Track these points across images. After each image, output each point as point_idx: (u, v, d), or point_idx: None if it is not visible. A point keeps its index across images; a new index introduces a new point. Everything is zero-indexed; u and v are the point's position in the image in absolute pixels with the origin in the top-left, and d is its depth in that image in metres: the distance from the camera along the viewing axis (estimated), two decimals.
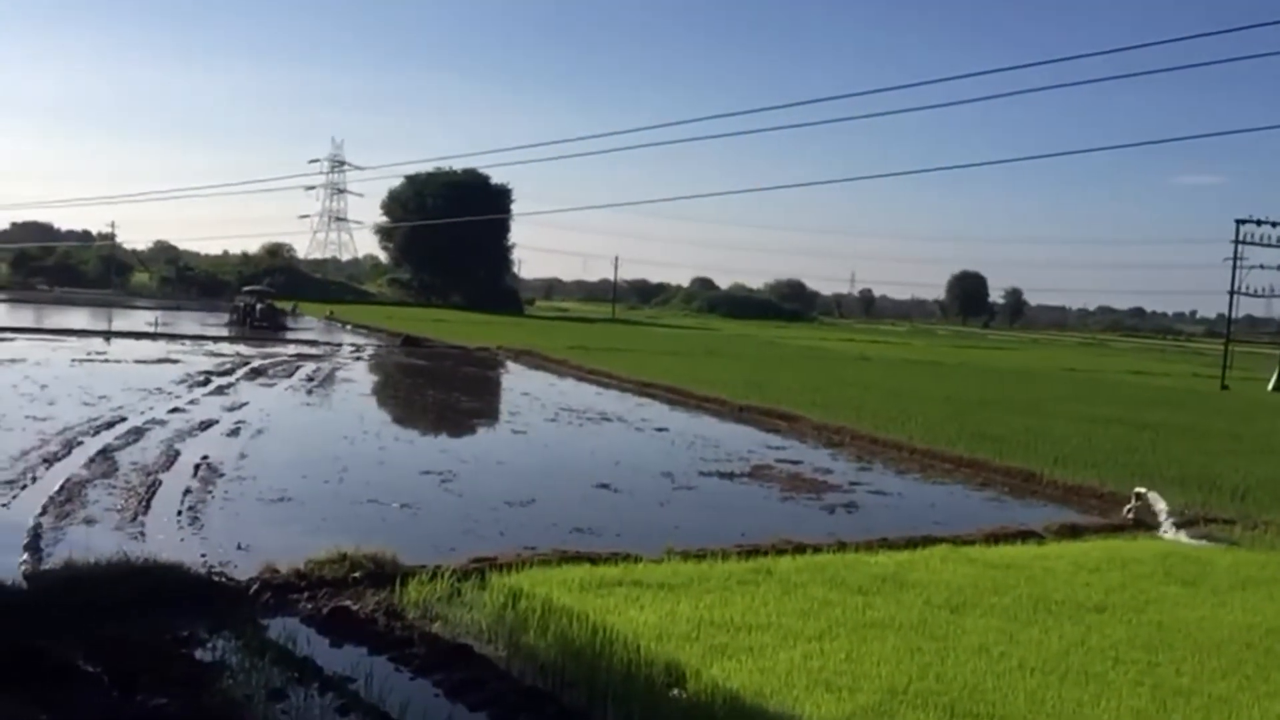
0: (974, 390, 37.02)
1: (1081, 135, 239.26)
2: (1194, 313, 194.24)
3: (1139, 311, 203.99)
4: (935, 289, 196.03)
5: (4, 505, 12.80)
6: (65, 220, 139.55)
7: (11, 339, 39.63)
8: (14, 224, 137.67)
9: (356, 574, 10.13)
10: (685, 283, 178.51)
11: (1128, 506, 15.53)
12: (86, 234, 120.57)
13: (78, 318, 57.45)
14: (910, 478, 19.29)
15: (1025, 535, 13.75)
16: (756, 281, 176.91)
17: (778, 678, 7.48)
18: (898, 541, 12.75)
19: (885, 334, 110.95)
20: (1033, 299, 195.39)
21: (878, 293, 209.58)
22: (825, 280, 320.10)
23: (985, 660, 8.15)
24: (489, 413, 28.17)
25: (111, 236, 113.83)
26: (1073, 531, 14.35)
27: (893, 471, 19.80)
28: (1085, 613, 9.77)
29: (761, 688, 7.26)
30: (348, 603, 9.47)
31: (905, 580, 10.54)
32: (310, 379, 31.27)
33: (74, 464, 15.42)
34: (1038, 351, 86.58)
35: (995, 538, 13.35)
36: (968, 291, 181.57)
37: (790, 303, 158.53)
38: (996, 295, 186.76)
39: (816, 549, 11.97)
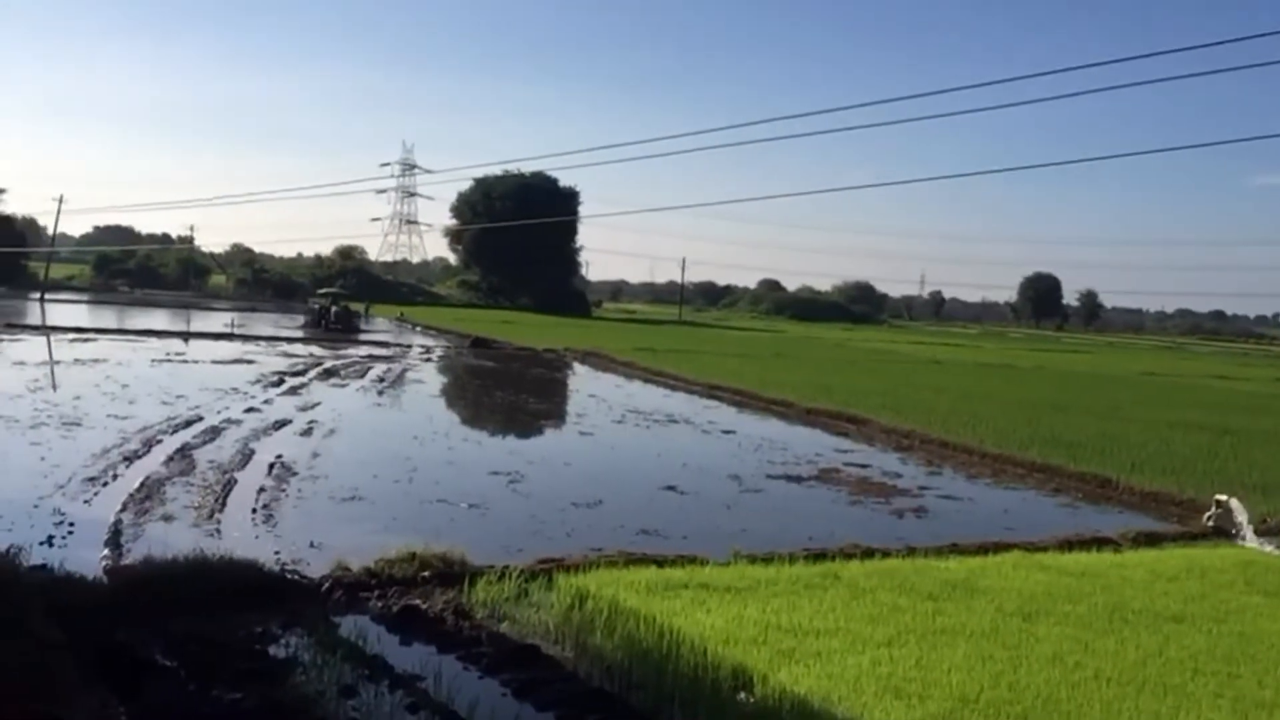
0: (1047, 394, 36.39)
1: (1157, 135, 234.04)
2: (1278, 315, 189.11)
3: (1219, 314, 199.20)
4: (1007, 291, 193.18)
5: (86, 502, 13.14)
6: (146, 224, 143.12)
7: (94, 339, 40.69)
8: (96, 228, 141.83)
9: (426, 573, 10.25)
10: (753, 285, 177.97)
11: (1208, 514, 15.16)
12: (166, 237, 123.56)
13: (157, 319, 58.81)
14: (981, 482, 19.01)
15: (1100, 542, 13.50)
16: (824, 284, 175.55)
17: (846, 684, 7.41)
18: (968, 547, 12.59)
19: (956, 336, 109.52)
20: (1108, 301, 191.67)
21: (948, 295, 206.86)
22: (894, 282, 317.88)
23: (1059, 670, 8.00)
24: (556, 414, 28.29)
25: (190, 239, 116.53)
26: (1150, 539, 14.05)
27: (963, 476, 19.52)
28: (1163, 622, 9.55)
29: (829, 693, 7.19)
30: (417, 601, 9.57)
31: (976, 587, 10.39)
32: (381, 380, 31.69)
33: (153, 462, 15.79)
34: (1113, 355, 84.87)
35: (1069, 544, 13.13)
36: (1041, 293, 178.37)
37: (859, 305, 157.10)
38: (1070, 297, 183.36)
39: (885, 554, 11.86)
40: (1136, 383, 47.73)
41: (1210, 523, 14.94)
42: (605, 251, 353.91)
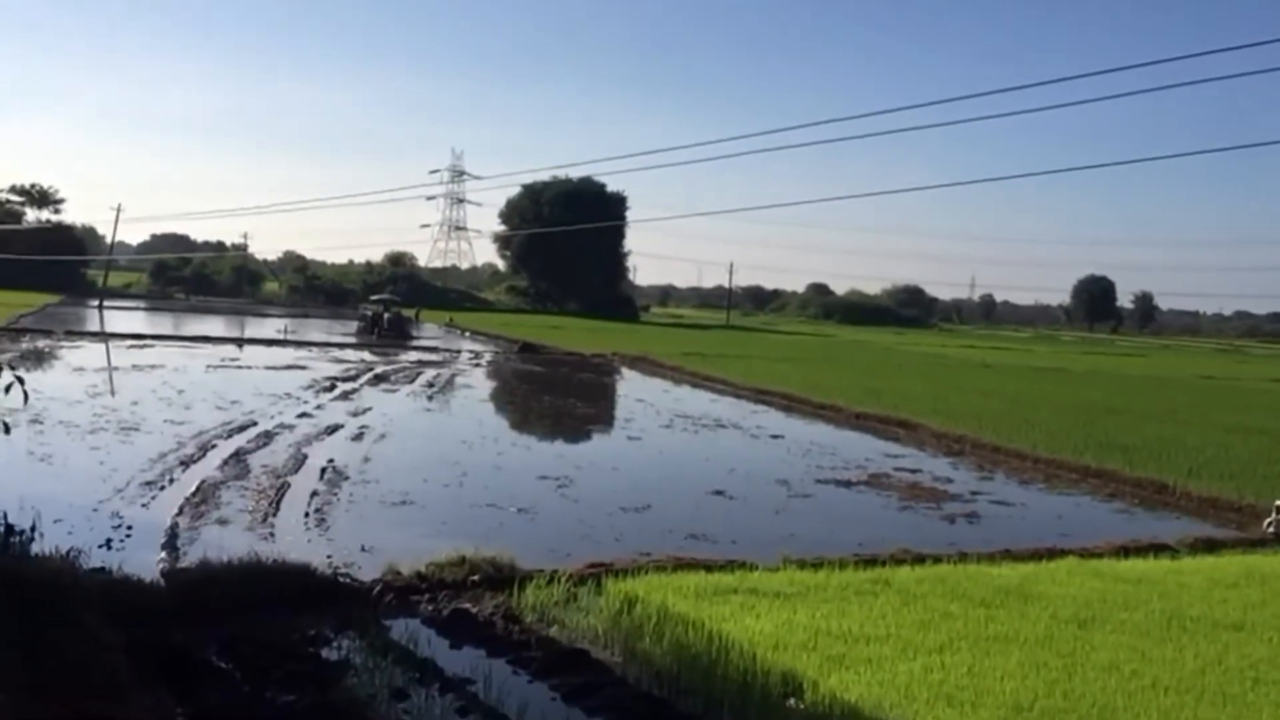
0: (1102, 398, 35.87)
1: (1213, 133, 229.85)
2: None
3: (1279, 316, 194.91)
4: (1060, 294, 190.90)
5: (144, 506, 13.38)
6: (201, 231, 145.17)
7: (151, 346, 41.38)
8: (154, 235, 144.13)
9: (475, 577, 10.31)
10: (801, 289, 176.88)
11: (1268, 520, 14.88)
12: (221, 244, 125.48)
13: (212, 325, 59.66)
14: (1034, 488, 18.78)
15: (1157, 549, 13.29)
16: (873, 287, 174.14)
17: (897, 690, 7.34)
18: (1021, 553, 12.44)
19: (1007, 340, 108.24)
20: (1164, 303, 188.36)
21: (999, 298, 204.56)
22: (944, 285, 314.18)
23: (1116, 678, 7.87)
24: (604, 419, 28.36)
25: (244, 247, 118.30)
26: (1208, 545, 13.81)
27: (1016, 481, 19.30)
28: (1222, 630, 9.36)
29: (880, 700, 7.13)
30: (467, 605, 9.64)
31: (1030, 593, 10.26)
32: (431, 385, 31.94)
33: (208, 466, 16.04)
34: (1169, 358, 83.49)
35: (1125, 551, 12.93)
36: (1094, 296, 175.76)
37: (908, 309, 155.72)
38: (1125, 300, 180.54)
39: (936, 559, 11.74)
40: (1193, 386, 46.91)
41: (1271, 529, 14.67)
42: (653, 256, 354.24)
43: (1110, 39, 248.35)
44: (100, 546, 11.01)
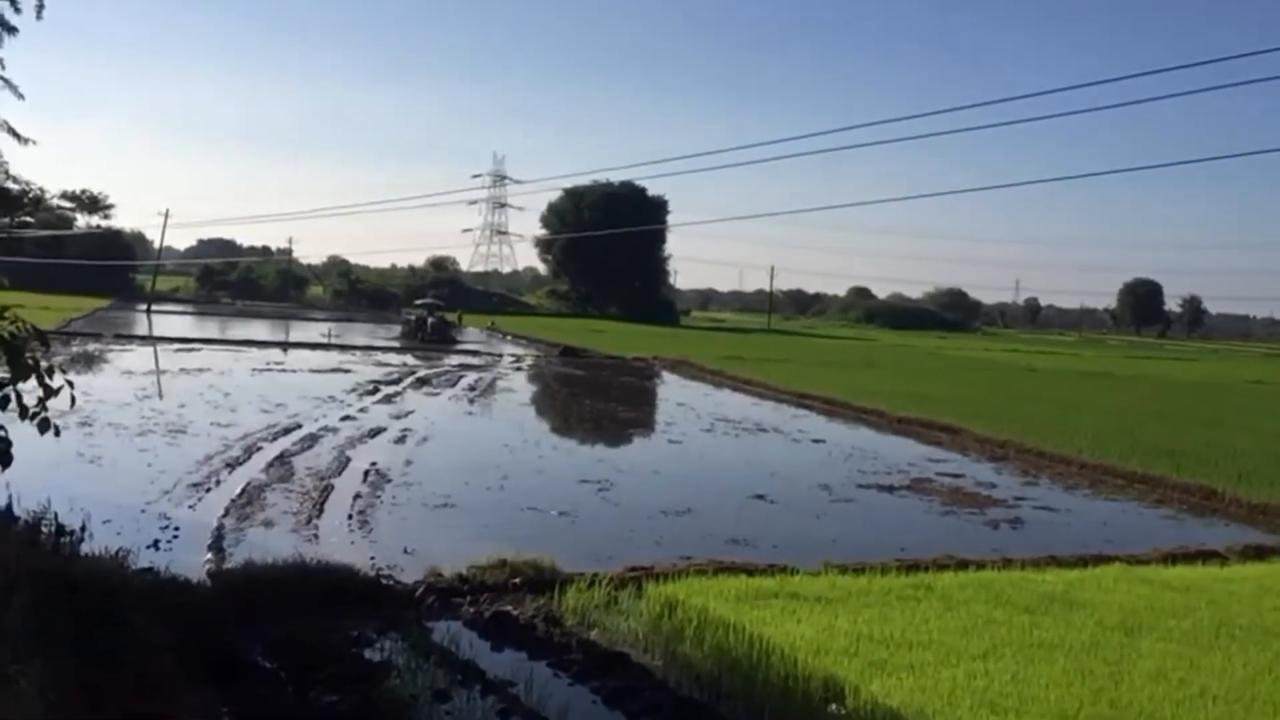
0: (1149, 403, 35.40)
1: (1261, 134, 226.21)
2: None
3: None
4: (1106, 297, 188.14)
5: (190, 507, 13.55)
6: (247, 236, 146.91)
7: (198, 349, 41.95)
8: (201, 240, 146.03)
9: (517, 580, 10.36)
10: (842, 293, 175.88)
11: None
12: (266, 249, 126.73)
13: (257, 329, 60.34)
14: (1080, 493, 18.56)
15: (1206, 556, 13.08)
16: (916, 291, 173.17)
17: (940, 697, 7.29)
18: (1067, 559, 12.30)
19: (1052, 344, 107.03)
20: (1213, 307, 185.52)
21: (1044, 302, 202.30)
22: (988, 289, 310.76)
23: (1163, 686, 7.76)
24: (645, 423, 28.38)
25: (289, 251, 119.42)
26: (1258, 553, 13.57)
27: (1061, 487, 19.08)
28: (1273, 639, 9.21)
29: (923, 707, 7.08)
30: (508, 608, 9.68)
31: (1075, 600, 10.15)
32: (472, 388, 32.12)
33: (254, 468, 16.23)
34: (1218, 363, 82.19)
35: (1173, 558, 12.74)
36: (1141, 299, 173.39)
37: (951, 312, 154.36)
38: (1173, 303, 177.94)
39: (980, 565, 11.64)
40: (1243, 391, 46.15)
41: None
42: (694, 260, 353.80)
43: (1163, 38, 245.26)
44: (148, 547, 11.16)
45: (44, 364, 6.25)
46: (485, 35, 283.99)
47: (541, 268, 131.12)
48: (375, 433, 20.72)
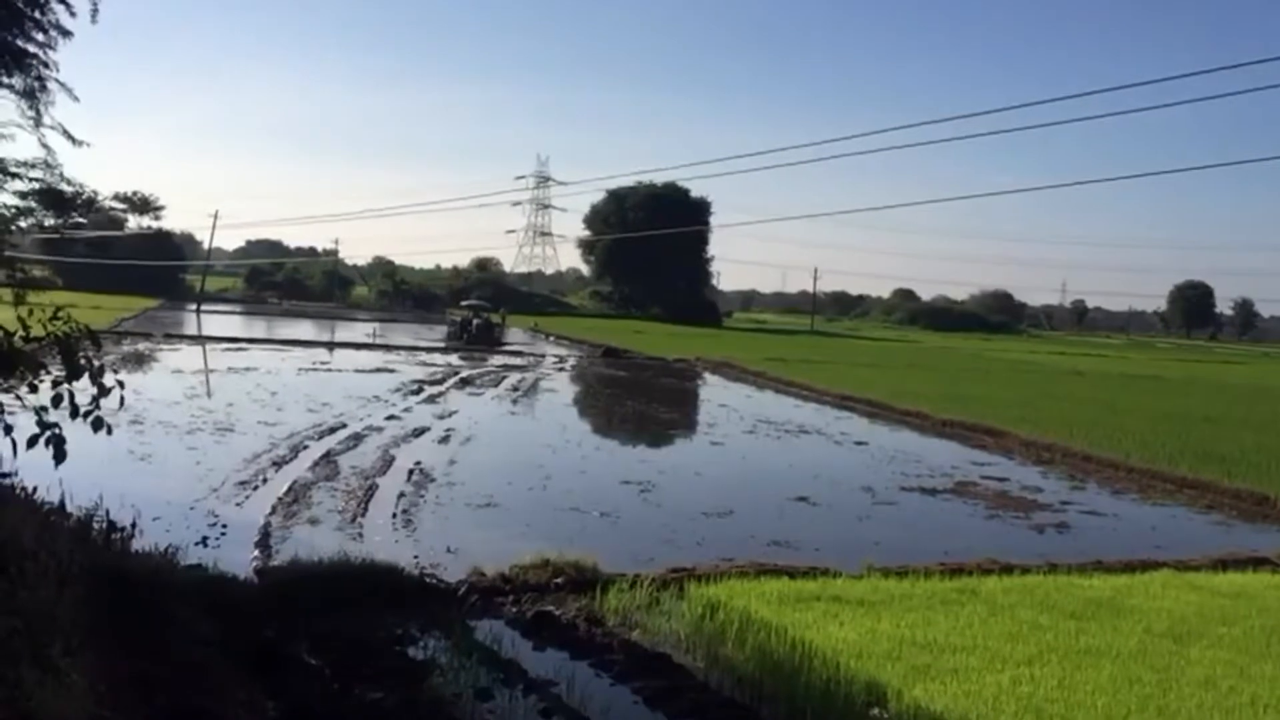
0: (1198, 406, 34.85)
1: None
2: None
3: None
4: (1155, 300, 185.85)
5: (238, 505, 13.73)
6: (294, 237, 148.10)
7: (246, 349, 42.46)
8: (249, 241, 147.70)
9: (559, 580, 10.39)
10: (886, 294, 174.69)
11: None
12: (313, 250, 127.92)
13: (304, 329, 60.94)
14: (1127, 498, 18.32)
15: (1257, 562, 12.87)
16: (960, 293, 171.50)
17: (984, 703, 7.23)
18: (1114, 565, 12.14)
19: (1099, 347, 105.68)
20: (1265, 310, 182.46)
21: (1091, 304, 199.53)
22: (1034, 291, 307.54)
23: (1213, 694, 7.65)
24: (687, 424, 28.35)
25: (335, 252, 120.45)
26: None
27: (1108, 491, 18.84)
28: None
29: (967, 712, 7.03)
30: (550, 608, 9.71)
31: (1122, 606, 10.02)
32: (515, 389, 32.25)
33: (300, 467, 16.40)
34: (1271, 365, 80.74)
35: (1223, 564, 12.54)
36: (1191, 302, 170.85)
37: (996, 314, 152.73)
38: (1224, 306, 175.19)
39: (1025, 570, 11.52)
40: None
41: None
42: (736, 261, 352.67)
43: (1213, 37, 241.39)
44: (196, 544, 11.33)
45: (96, 363, 6.35)
46: (531, 38, 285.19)
47: (584, 268, 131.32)
48: (419, 432, 20.88)
